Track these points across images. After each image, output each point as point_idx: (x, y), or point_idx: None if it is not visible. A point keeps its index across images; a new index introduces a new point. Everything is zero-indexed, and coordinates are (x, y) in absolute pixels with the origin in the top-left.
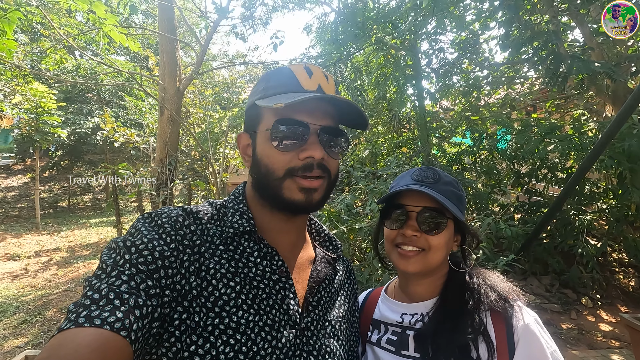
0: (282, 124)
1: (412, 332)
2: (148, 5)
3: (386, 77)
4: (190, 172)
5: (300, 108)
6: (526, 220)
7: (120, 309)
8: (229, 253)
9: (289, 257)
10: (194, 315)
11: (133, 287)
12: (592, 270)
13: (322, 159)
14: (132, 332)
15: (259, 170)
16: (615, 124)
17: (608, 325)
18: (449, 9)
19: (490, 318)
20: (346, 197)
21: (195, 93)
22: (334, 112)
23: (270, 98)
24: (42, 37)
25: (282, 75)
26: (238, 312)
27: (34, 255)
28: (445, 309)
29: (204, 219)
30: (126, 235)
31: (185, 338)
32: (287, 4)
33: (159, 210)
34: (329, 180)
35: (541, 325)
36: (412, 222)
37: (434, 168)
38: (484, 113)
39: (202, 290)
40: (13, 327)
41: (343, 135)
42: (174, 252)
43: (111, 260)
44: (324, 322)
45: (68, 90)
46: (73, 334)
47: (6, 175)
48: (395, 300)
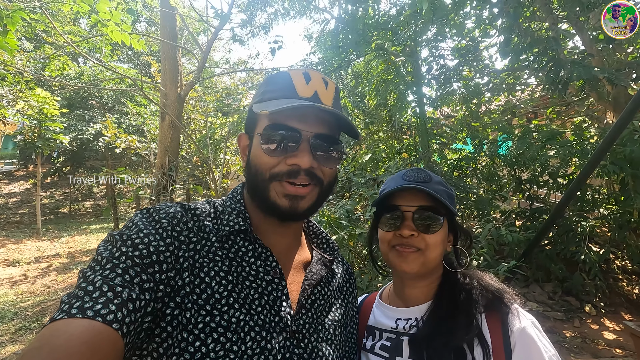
0: (273, 129)
1: (406, 338)
2: (151, 14)
3: (386, 84)
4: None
5: (292, 114)
6: (528, 226)
7: (113, 302)
8: (223, 251)
9: (283, 259)
10: (186, 312)
11: (127, 281)
12: (595, 277)
13: (311, 167)
14: (124, 325)
15: (250, 171)
16: (616, 129)
17: (612, 333)
18: (448, 16)
19: (485, 320)
20: (346, 203)
21: (196, 99)
22: (331, 120)
23: (265, 103)
24: (46, 44)
25: (280, 81)
26: (229, 310)
27: (33, 261)
28: (439, 312)
29: (202, 216)
30: (123, 229)
31: (176, 334)
32: (288, 11)
33: (157, 205)
34: (320, 188)
35: (539, 328)
36: (408, 223)
37: (424, 169)
38: (484, 120)
39: (194, 287)
40: (10, 333)
41: (338, 143)
42: (170, 248)
43: (107, 252)
44: (317, 326)
45: (71, 97)
46: (65, 325)
47: (8, 182)
48: (389, 305)
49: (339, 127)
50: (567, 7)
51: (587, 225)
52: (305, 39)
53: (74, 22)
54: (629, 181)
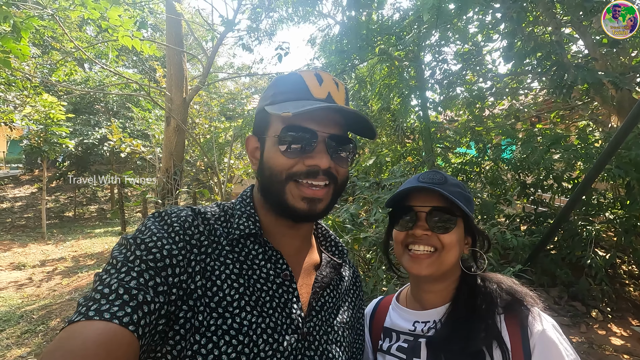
0: (290, 131)
1: (424, 340)
2: (156, 19)
3: (390, 88)
4: (195, 182)
5: (308, 116)
6: (533, 230)
7: (129, 304)
8: (234, 254)
9: (293, 261)
10: (198, 315)
11: (142, 284)
12: (602, 282)
13: (329, 167)
14: (140, 327)
15: (264, 173)
16: (621, 133)
17: (619, 339)
18: (451, 21)
19: (504, 323)
20: (350, 206)
21: (201, 104)
22: (343, 120)
23: (279, 105)
24: (53, 49)
25: (292, 82)
26: (241, 313)
27: (38, 265)
28: (457, 315)
29: (212, 219)
30: (136, 233)
31: (189, 337)
32: (292, 17)
33: (168, 209)
34: (335, 187)
35: (560, 331)
36: (421, 223)
37: (440, 171)
38: (488, 124)
39: (206, 290)
40: (16, 336)
41: (351, 142)
42: (182, 251)
43: (121, 256)
44: (327, 328)
45: (77, 102)
46: (82, 327)
47: (14, 186)
48: (407, 308)
49: (347, 127)
50: (570, 12)
51: (592, 230)
52: (309, 44)
53: (80, 29)
54: (634, 185)
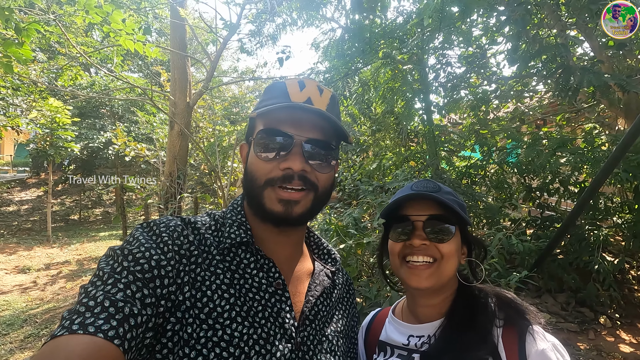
0: (266, 134)
1: (417, 355)
2: (161, 24)
3: (394, 92)
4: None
5: (285, 119)
6: (539, 235)
7: (114, 317)
8: (225, 264)
9: (286, 270)
10: (187, 327)
11: (129, 296)
12: (610, 287)
13: (304, 170)
14: (126, 341)
15: (247, 178)
16: (629, 136)
17: (628, 346)
18: (455, 24)
19: (501, 338)
20: (354, 211)
21: (205, 108)
22: (327, 126)
23: (258, 110)
24: (59, 54)
25: (276, 89)
26: (232, 324)
27: (43, 268)
28: (452, 328)
29: (202, 229)
30: (124, 244)
31: (177, 350)
32: (295, 21)
33: (157, 219)
34: (315, 194)
35: (561, 352)
36: (419, 232)
37: (433, 180)
38: (493, 127)
39: (195, 302)
40: (20, 340)
41: (332, 149)
42: (171, 262)
43: (108, 267)
44: (321, 337)
45: (82, 106)
46: (65, 341)
47: (21, 189)
48: (402, 321)
49: (335, 134)
50: (576, 14)
51: (600, 234)
52: (313, 47)
53: (86, 34)
54: None
